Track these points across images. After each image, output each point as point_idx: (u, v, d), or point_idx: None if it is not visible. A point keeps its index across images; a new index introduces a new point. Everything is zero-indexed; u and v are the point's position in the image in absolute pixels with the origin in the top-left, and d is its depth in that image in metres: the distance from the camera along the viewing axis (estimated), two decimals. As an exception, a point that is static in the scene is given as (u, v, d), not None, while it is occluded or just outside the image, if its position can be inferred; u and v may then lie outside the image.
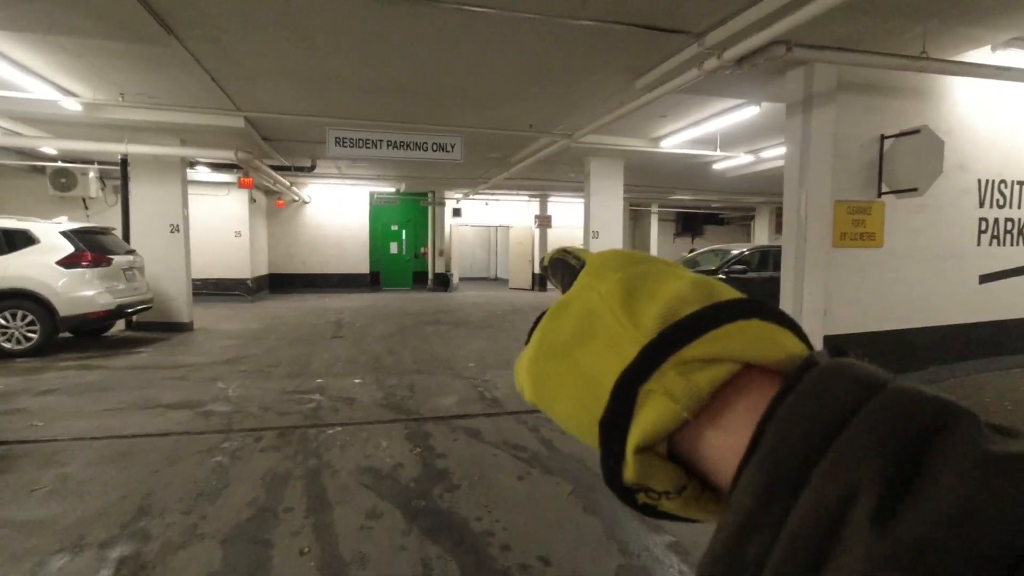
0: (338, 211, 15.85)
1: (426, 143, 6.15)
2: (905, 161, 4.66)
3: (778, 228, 19.47)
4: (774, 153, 8.90)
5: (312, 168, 10.44)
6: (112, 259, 6.79)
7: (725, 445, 0.23)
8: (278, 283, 15.37)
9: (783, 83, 5.44)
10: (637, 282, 0.27)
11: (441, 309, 11.96)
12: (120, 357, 6.50)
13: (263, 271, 14.68)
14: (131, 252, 7.50)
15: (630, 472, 0.24)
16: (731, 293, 0.26)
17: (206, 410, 4.43)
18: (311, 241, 15.71)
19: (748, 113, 6.90)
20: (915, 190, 4.57)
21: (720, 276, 8.51)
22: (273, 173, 10.10)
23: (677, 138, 8.28)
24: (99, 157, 9.70)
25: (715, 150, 8.31)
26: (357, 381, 5.50)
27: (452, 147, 6.21)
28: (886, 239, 4.97)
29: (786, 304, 5.31)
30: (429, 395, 5.00)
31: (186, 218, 8.51)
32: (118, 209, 8.45)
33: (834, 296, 4.86)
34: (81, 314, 6.45)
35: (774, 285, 8.97)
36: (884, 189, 4.85)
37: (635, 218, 20.79)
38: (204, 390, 5.04)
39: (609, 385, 0.24)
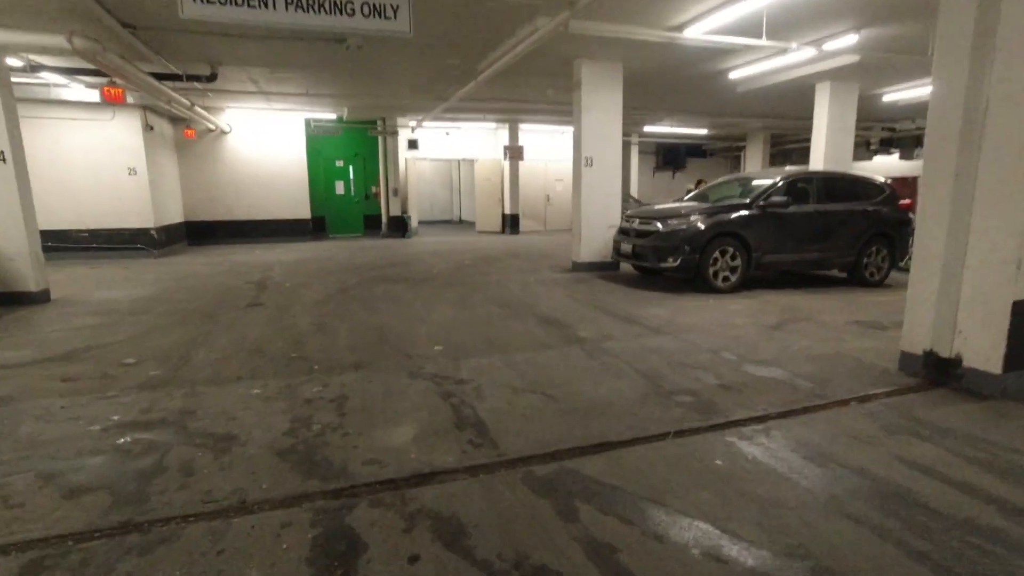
0: (268, 143, 13.04)
1: (351, 2, 3.81)
2: None
3: (772, 159, 17.71)
4: (847, 43, 6.65)
5: (212, 78, 7.77)
6: None
7: None
8: (198, 233, 12.70)
9: None
10: None
11: (397, 260, 9.76)
12: None
13: (176, 219, 11.98)
14: (-89, 192, 4.98)
15: None
16: None
17: (-80, 491, 2.28)
18: (236, 181, 12.95)
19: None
20: None
21: (753, 211, 6.59)
22: (155, 83, 7.40)
23: (706, 23, 6.08)
24: None
25: (760, 38, 6.15)
26: (255, 392, 3.41)
27: (394, 10, 3.90)
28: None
29: (927, 253, 3.41)
30: (369, 420, 2.97)
31: (17, 141, 5.93)
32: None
33: (1030, 237, 2.99)
34: None
35: (821, 221, 7.15)
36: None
37: (614, 150, 18.52)
38: (-35, 429, 2.85)
39: None
